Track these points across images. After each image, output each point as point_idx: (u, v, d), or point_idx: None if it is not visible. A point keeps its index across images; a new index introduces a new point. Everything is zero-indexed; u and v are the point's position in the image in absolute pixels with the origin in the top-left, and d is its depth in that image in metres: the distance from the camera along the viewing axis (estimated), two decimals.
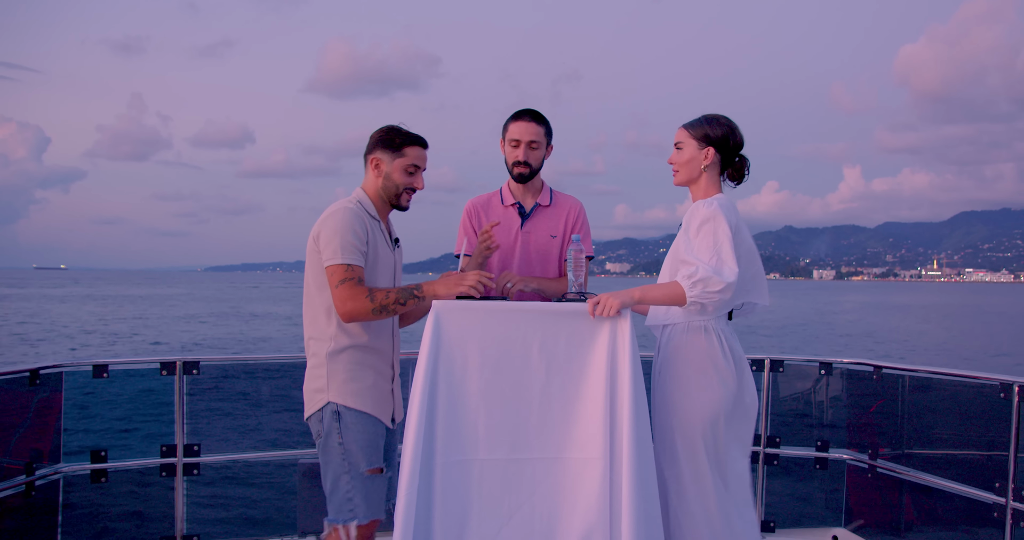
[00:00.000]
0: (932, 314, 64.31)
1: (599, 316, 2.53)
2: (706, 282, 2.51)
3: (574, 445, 2.52)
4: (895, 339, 35.91)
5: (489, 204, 3.34)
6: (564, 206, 3.34)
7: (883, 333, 39.96)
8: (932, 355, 29.26)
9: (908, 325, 48.62)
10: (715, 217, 2.58)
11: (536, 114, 3.22)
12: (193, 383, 3.71)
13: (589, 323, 2.55)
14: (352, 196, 2.80)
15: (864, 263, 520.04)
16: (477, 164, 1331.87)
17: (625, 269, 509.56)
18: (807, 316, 54.67)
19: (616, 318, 2.55)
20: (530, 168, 3.22)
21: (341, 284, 2.60)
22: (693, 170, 2.75)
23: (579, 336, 2.55)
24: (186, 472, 3.70)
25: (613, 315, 2.52)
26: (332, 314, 2.70)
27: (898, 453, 3.89)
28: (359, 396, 2.70)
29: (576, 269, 2.74)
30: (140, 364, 4.00)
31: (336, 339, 2.70)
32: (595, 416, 2.51)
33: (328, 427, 2.67)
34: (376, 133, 2.82)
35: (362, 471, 2.65)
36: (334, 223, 2.66)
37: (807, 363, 4.23)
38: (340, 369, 2.70)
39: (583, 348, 2.55)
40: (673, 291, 2.55)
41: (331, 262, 2.62)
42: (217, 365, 3.85)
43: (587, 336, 2.55)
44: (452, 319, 2.53)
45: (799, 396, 4.26)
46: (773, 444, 4.14)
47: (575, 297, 2.68)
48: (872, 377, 3.96)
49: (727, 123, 2.74)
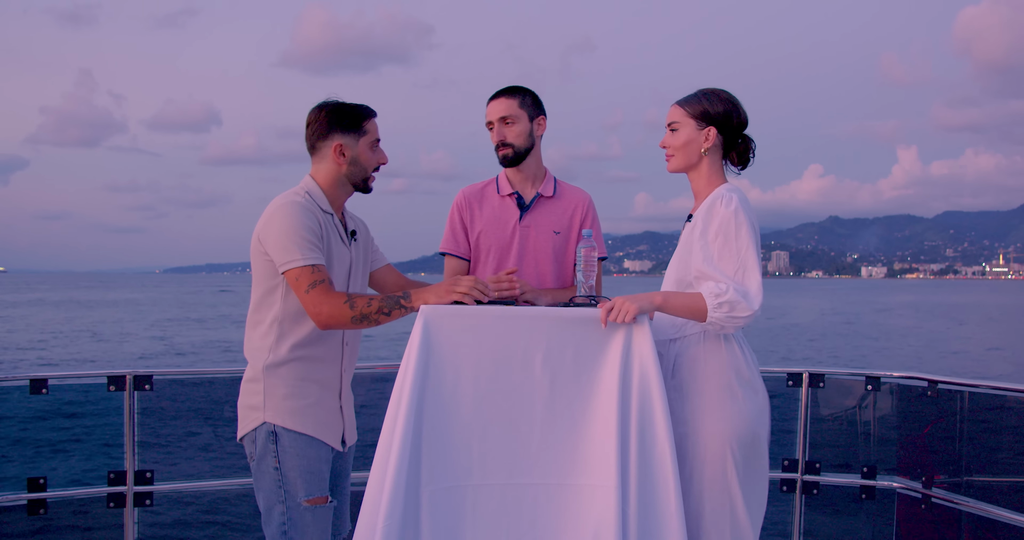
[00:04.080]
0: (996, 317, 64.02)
1: (613, 323, 2.45)
2: (733, 306, 2.45)
3: (582, 471, 2.45)
4: (952, 349, 35.65)
5: (483, 194, 3.28)
6: (570, 199, 3.27)
7: (939, 341, 39.69)
8: (996, 367, 29.07)
9: (966, 332, 48.33)
10: (737, 221, 2.51)
11: (507, 89, 3.18)
12: (145, 400, 3.66)
13: (601, 331, 2.48)
14: (299, 187, 2.75)
15: (920, 258, 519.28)
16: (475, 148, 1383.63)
17: (646, 267, 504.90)
18: (850, 321, 54.54)
19: (632, 325, 2.48)
20: (513, 148, 3.16)
21: (312, 288, 2.55)
22: (691, 154, 2.67)
23: (589, 346, 2.48)
24: (137, 502, 3.64)
25: (629, 322, 2.44)
26: (276, 323, 2.66)
27: (956, 481, 3.82)
28: (299, 415, 2.64)
29: (587, 269, 2.69)
30: (84, 378, 3.99)
31: (275, 350, 2.65)
32: (607, 438, 2.43)
33: (262, 449, 2.63)
34: (324, 114, 2.74)
35: (299, 501, 2.60)
36: (283, 220, 2.60)
37: (851, 377, 4.19)
38: (279, 384, 2.65)
39: (594, 360, 2.48)
40: (696, 305, 2.48)
41: (292, 265, 2.56)
42: (172, 379, 3.82)
43: (598, 346, 2.48)
44: (442, 326, 2.47)
45: (842, 415, 4.21)
46: (812, 470, 4.07)
47: (584, 301, 2.62)
48: (927, 393, 3.88)
49: (728, 98, 2.66)
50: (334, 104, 2.75)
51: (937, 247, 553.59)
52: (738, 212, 2.52)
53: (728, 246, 2.51)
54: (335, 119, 2.72)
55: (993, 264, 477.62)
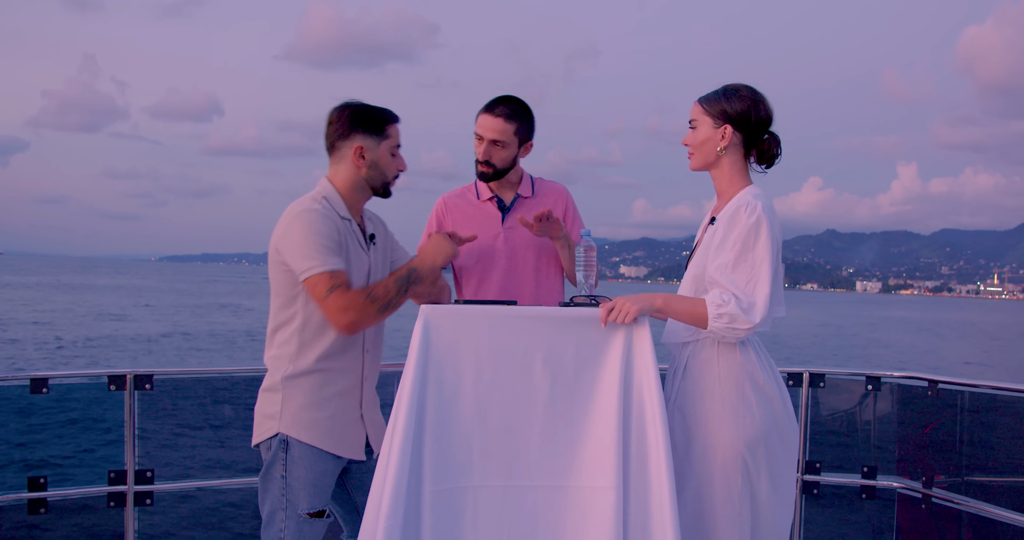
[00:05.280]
0: (991, 333, 63.89)
1: (613, 323, 2.45)
2: (733, 318, 2.42)
3: (582, 472, 2.45)
4: (950, 358, 35.62)
5: (463, 199, 3.28)
6: (548, 195, 3.29)
7: (936, 350, 39.66)
8: (995, 370, 28.94)
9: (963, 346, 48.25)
10: (759, 231, 2.47)
11: (510, 107, 3.12)
12: (145, 400, 3.65)
13: (601, 332, 2.48)
14: (315, 192, 2.70)
15: (916, 275, 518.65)
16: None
17: (642, 273, 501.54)
18: (844, 329, 54.42)
19: (632, 326, 2.48)
20: (493, 168, 3.15)
21: (330, 293, 2.52)
22: (708, 153, 2.62)
23: (589, 347, 2.49)
24: (137, 502, 3.63)
25: (629, 322, 2.44)
26: (296, 333, 2.63)
27: (956, 481, 3.83)
28: (314, 428, 2.63)
29: (587, 268, 2.68)
30: (85, 378, 3.99)
31: (295, 362, 2.63)
32: (607, 439, 2.43)
33: (273, 457, 2.62)
34: (346, 114, 2.69)
35: (300, 511, 2.61)
36: (301, 228, 2.56)
37: (852, 377, 4.19)
38: (297, 395, 2.63)
39: (594, 361, 2.49)
40: (697, 311, 2.46)
41: (311, 273, 2.53)
42: (173, 379, 3.80)
43: (599, 347, 2.49)
44: (443, 326, 2.46)
45: (842, 415, 4.22)
46: (813, 470, 4.07)
47: (585, 301, 2.61)
48: (927, 393, 3.89)
49: (749, 95, 2.58)
50: (358, 105, 2.70)
51: (933, 264, 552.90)
52: (760, 222, 2.47)
53: (745, 256, 2.47)
54: (358, 120, 2.67)
55: (988, 283, 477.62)
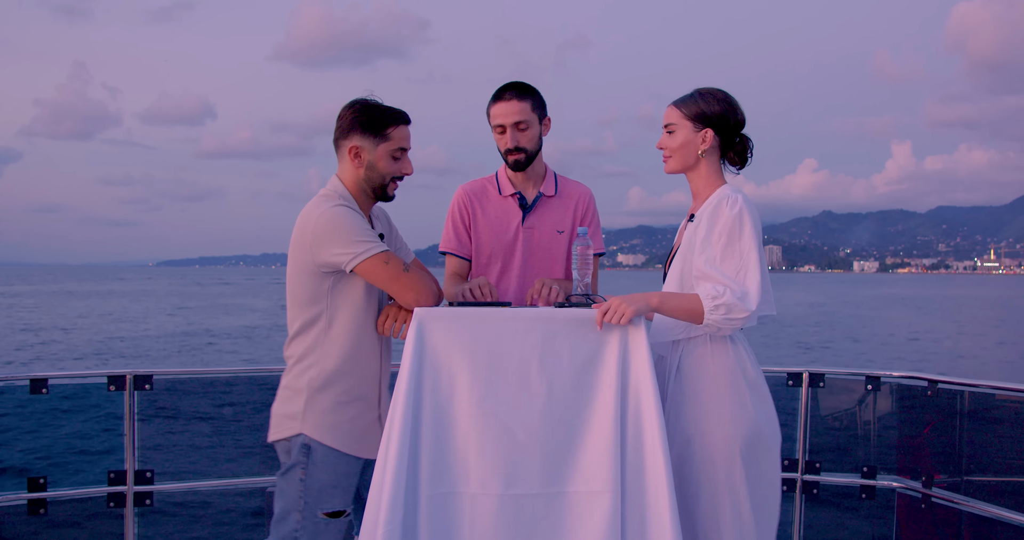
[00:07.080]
0: (990, 313, 64.00)
1: (608, 324, 2.46)
2: (730, 308, 2.46)
3: (579, 477, 2.45)
4: (945, 350, 35.68)
5: (485, 193, 3.20)
6: (571, 196, 3.22)
7: (932, 340, 39.73)
8: (994, 366, 29.00)
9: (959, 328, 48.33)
10: (742, 222, 2.53)
11: (518, 87, 3.07)
12: (145, 400, 3.66)
13: (596, 333, 2.48)
14: (328, 189, 2.69)
15: (913, 253, 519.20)
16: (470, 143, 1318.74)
17: (640, 261, 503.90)
18: (846, 319, 54.52)
19: (628, 327, 2.48)
20: (526, 153, 3.09)
21: (408, 269, 2.61)
22: (688, 156, 2.68)
23: (585, 349, 2.48)
24: (137, 502, 3.64)
25: (625, 323, 2.44)
26: (322, 332, 2.64)
27: (956, 480, 3.83)
28: (337, 431, 2.64)
29: (582, 267, 2.67)
30: (84, 378, 3.96)
31: (321, 363, 2.64)
32: (604, 443, 2.43)
33: (294, 459, 2.62)
34: (349, 113, 2.67)
35: (317, 513, 2.61)
36: (338, 220, 2.57)
37: (851, 377, 4.20)
38: (321, 398, 2.64)
39: (590, 364, 2.47)
40: (692, 307, 2.49)
41: (366, 255, 2.54)
42: (173, 379, 3.81)
43: (594, 349, 2.48)
44: (437, 329, 2.46)
45: (842, 415, 4.22)
46: (812, 470, 4.09)
47: (580, 300, 2.61)
48: (926, 393, 3.90)
49: (725, 98, 2.65)
50: (364, 103, 2.66)
51: (929, 242, 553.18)
52: (743, 213, 2.53)
53: (731, 247, 2.52)
54: (358, 119, 2.64)
55: (985, 259, 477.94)
